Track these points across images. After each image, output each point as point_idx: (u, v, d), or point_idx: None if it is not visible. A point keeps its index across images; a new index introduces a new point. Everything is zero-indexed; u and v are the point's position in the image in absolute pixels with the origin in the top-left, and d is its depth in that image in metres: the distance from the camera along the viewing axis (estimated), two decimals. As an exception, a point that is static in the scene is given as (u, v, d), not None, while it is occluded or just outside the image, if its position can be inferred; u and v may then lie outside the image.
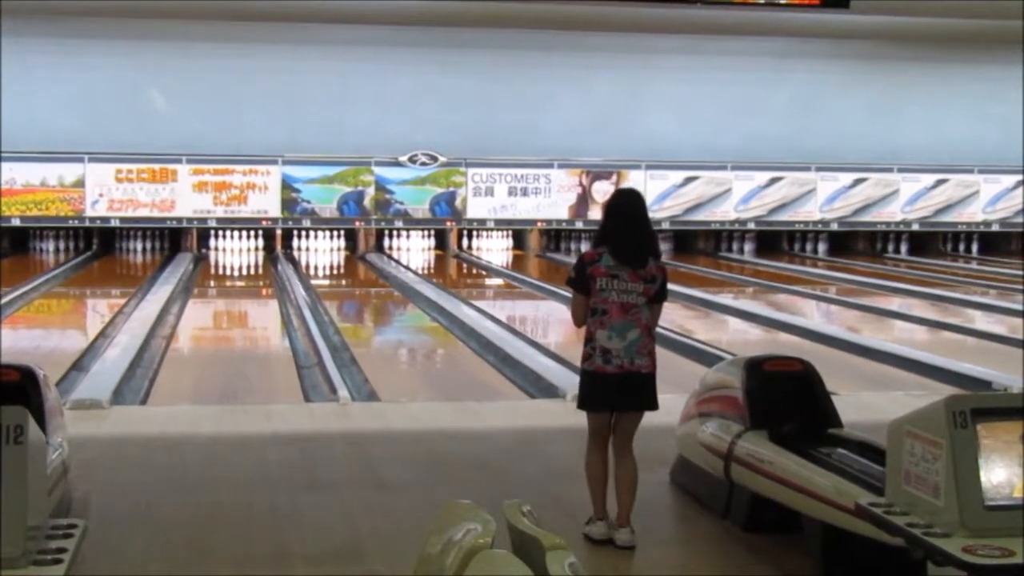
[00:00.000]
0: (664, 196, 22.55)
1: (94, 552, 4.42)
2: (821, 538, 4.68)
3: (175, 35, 20.48)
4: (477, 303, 15.06)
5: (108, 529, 5.02)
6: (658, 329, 5.22)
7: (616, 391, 4.95)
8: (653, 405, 5.05)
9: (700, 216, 22.80)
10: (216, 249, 21.82)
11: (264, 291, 17.91)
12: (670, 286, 5.27)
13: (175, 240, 21.73)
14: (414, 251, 22.10)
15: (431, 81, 21.63)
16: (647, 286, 4.97)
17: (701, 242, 23.49)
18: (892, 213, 23.47)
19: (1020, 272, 18.97)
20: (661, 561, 5.04)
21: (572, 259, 21.89)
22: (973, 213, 23.75)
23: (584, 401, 5.09)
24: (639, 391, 4.98)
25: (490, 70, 21.92)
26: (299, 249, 21.92)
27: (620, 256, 4.97)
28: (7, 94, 19.84)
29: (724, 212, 22.81)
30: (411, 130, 21.55)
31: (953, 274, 19.87)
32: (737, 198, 22.80)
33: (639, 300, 4.95)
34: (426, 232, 22.58)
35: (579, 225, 22.50)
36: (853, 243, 24.02)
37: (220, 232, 21.89)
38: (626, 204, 5.21)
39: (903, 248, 24.18)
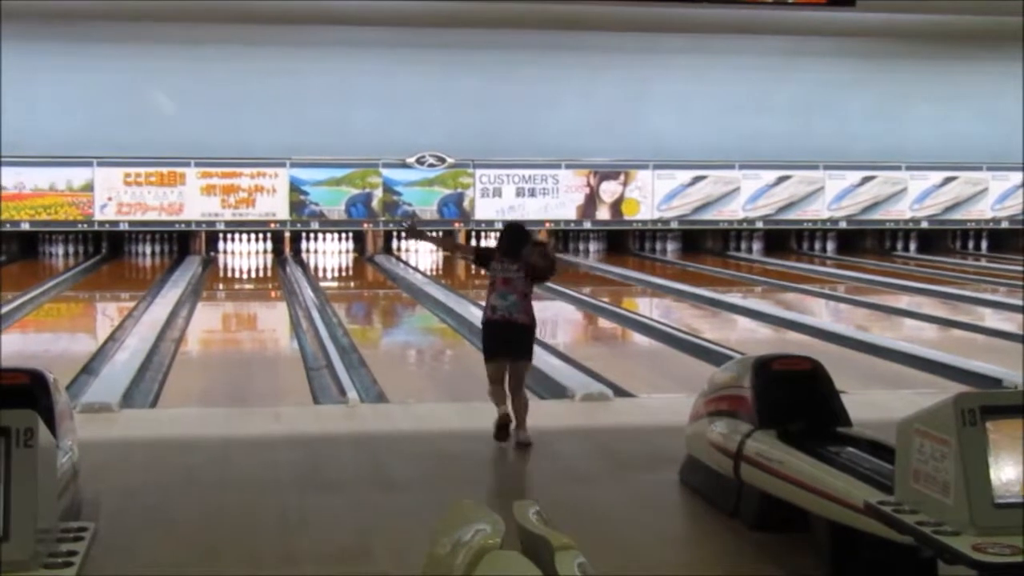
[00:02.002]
0: (672, 196, 22.54)
1: (104, 554, 4.43)
2: (830, 537, 4.68)
3: (182, 38, 20.52)
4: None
5: (118, 531, 5.03)
6: (666, 329, 5.27)
7: (502, 336, 7.05)
8: (529, 354, 7.13)
9: (708, 215, 22.79)
10: (224, 252, 21.85)
11: (273, 293, 17.94)
12: (679, 285, 5.58)
13: (184, 243, 21.76)
14: (422, 252, 22.11)
15: (438, 82, 21.63)
16: (523, 268, 7.07)
17: (709, 241, 23.46)
18: (900, 211, 23.43)
19: (1029, 269, 18.92)
20: (670, 560, 5.04)
21: (581, 259, 21.99)
22: (982, 210, 23.71)
23: (485, 352, 7.17)
24: (518, 337, 7.05)
25: (496, 71, 21.93)
26: (307, 251, 21.94)
27: (505, 251, 7.19)
28: (15, 99, 19.90)
29: (732, 211, 22.80)
30: (418, 132, 21.56)
31: (962, 272, 19.84)
32: (745, 197, 22.79)
33: (516, 276, 7.07)
34: (434, 233, 22.55)
35: (587, 225, 22.51)
36: (861, 241, 23.98)
37: (228, 235, 21.92)
38: (513, 224, 7.79)
39: (912, 246, 24.14)
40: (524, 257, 7.11)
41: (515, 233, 7.42)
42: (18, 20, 18.90)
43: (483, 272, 7.49)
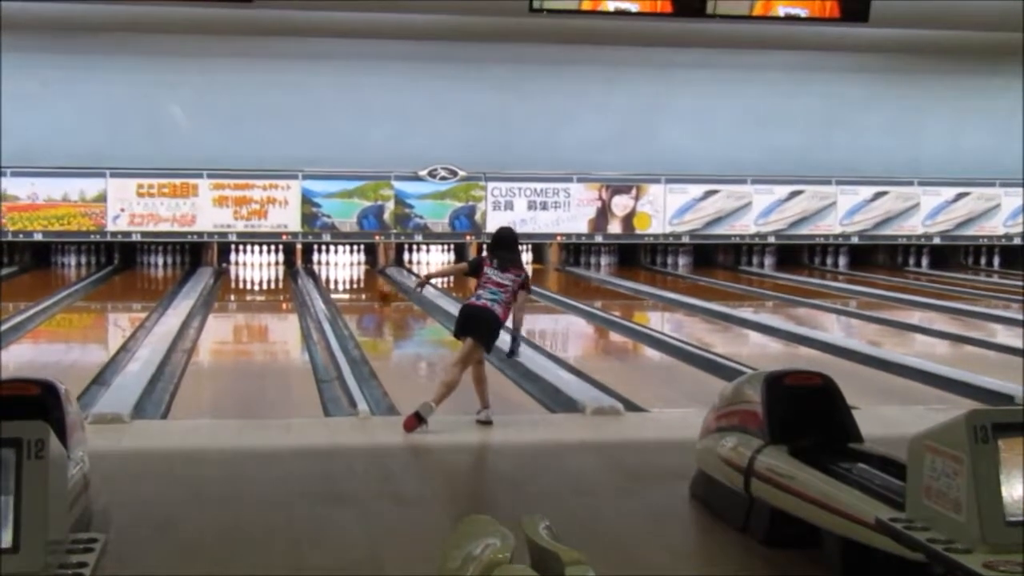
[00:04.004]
0: (684, 210, 22.52)
1: (114, 566, 4.43)
2: (841, 553, 4.66)
3: (195, 50, 20.61)
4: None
5: (128, 543, 5.04)
6: (678, 343, 5.28)
7: (478, 315, 7.83)
8: (491, 341, 7.92)
9: (720, 230, 22.76)
10: (236, 263, 21.89)
11: (284, 305, 17.96)
12: (690, 300, 5.61)
13: (196, 254, 21.82)
14: (434, 265, 22.12)
15: (450, 95, 21.68)
16: (515, 279, 7.91)
17: (721, 256, 23.45)
18: (913, 226, 23.38)
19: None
20: (680, 575, 5.03)
21: (592, 273, 21.98)
22: (994, 226, 23.65)
23: (457, 332, 8.07)
24: (494, 320, 7.82)
25: (509, 84, 21.97)
26: (319, 263, 21.97)
27: (502, 261, 7.98)
28: (29, 110, 20.00)
29: (744, 226, 22.77)
30: (430, 144, 21.59)
31: (974, 287, 19.77)
32: (757, 212, 22.76)
33: (508, 283, 7.88)
34: (446, 246, 22.62)
35: (599, 239, 22.50)
36: (874, 256, 23.93)
37: (240, 246, 21.97)
38: (508, 233, 8.38)
39: (924, 261, 24.08)
40: (520, 272, 7.97)
41: (511, 244, 8.22)
42: (33, 32, 19.00)
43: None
